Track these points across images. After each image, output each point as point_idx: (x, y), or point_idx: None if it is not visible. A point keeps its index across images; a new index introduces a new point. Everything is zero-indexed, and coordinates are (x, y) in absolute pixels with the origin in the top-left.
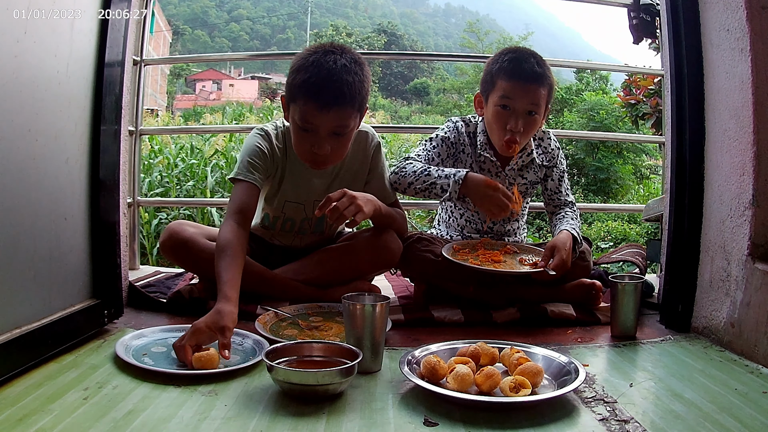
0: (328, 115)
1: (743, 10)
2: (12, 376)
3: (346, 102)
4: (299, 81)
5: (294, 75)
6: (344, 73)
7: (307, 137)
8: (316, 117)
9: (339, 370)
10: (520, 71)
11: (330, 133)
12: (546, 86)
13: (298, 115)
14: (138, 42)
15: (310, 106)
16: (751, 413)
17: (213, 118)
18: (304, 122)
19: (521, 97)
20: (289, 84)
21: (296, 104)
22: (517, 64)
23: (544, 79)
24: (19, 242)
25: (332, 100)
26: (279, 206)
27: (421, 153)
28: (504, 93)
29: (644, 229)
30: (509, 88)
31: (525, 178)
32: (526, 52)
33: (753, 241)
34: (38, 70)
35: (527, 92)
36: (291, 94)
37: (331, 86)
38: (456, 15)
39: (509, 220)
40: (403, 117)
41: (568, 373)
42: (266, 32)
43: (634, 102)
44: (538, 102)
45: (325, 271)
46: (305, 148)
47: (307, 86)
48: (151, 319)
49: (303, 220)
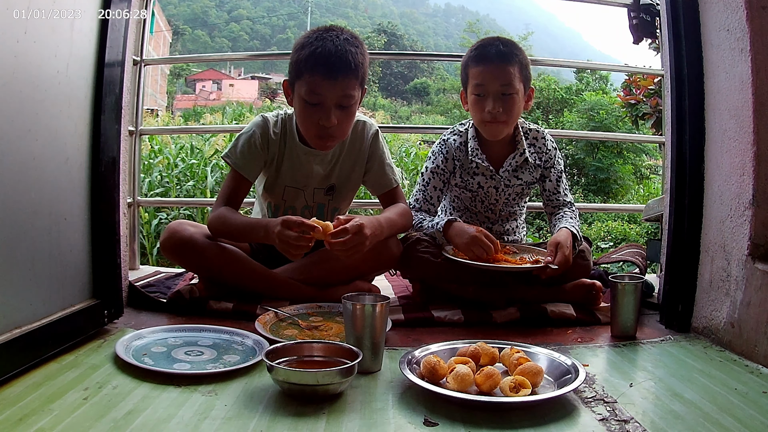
0: (335, 84)
1: (743, 10)
2: (12, 376)
3: (350, 70)
4: (305, 55)
5: (298, 52)
6: (347, 44)
7: (314, 111)
8: (323, 86)
9: (339, 370)
10: (486, 55)
11: (336, 105)
12: (515, 64)
13: (304, 89)
14: (138, 42)
15: (318, 76)
16: (751, 413)
17: (213, 118)
18: (312, 94)
19: (492, 80)
20: (293, 62)
21: (302, 79)
22: (482, 49)
23: (512, 57)
24: (19, 242)
25: (339, 68)
26: (279, 192)
27: (419, 197)
28: (476, 80)
29: (644, 229)
30: (478, 73)
31: (520, 179)
32: (492, 38)
33: (753, 241)
34: (38, 70)
35: (496, 73)
36: (297, 70)
37: (337, 55)
38: (456, 15)
39: (508, 220)
40: (403, 117)
41: (568, 373)
42: (266, 32)
43: (634, 102)
44: (510, 81)
45: (325, 271)
46: (312, 123)
47: (314, 57)
48: (151, 319)
49: (304, 208)
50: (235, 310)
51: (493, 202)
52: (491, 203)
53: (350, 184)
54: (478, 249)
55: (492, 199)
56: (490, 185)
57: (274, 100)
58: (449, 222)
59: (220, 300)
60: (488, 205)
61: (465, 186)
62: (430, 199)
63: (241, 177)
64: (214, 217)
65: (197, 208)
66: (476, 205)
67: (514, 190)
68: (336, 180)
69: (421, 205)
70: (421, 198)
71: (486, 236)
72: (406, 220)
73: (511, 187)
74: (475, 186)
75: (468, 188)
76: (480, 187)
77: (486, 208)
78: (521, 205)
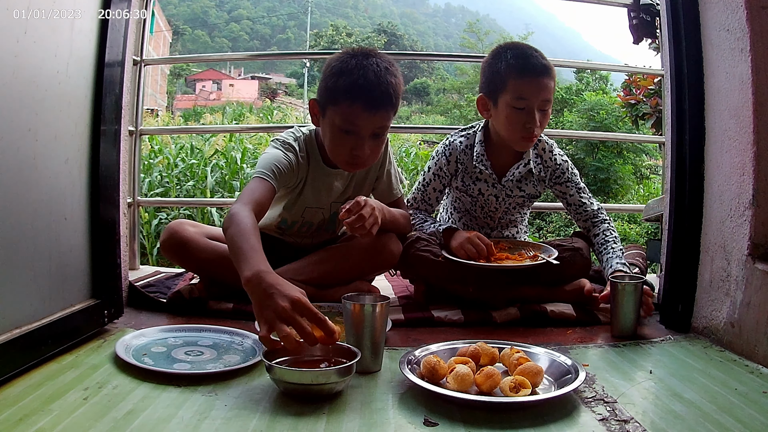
0: (375, 116)
1: (743, 10)
2: (12, 376)
3: (391, 104)
4: (345, 84)
5: (336, 78)
6: (388, 75)
7: (348, 139)
8: (362, 118)
9: (336, 369)
10: (531, 66)
11: (371, 135)
12: (553, 78)
13: (339, 118)
14: (138, 42)
15: (357, 108)
16: (751, 413)
17: (213, 118)
18: (348, 124)
19: (536, 94)
20: (330, 87)
21: (338, 107)
22: (526, 59)
23: (551, 70)
24: (19, 242)
25: (380, 102)
26: (299, 212)
27: (417, 196)
28: (518, 93)
29: (644, 229)
30: (523, 85)
31: (522, 191)
32: (527, 46)
33: (753, 241)
34: (38, 70)
35: (541, 87)
36: (332, 97)
37: (379, 88)
38: (456, 15)
39: (507, 226)
40: (403, 117)
41: (568, 373)
42: (266, 32)
43: (634, 102)
44: (550, 96)
45: (325, 271)
46: (344, 151)
47: (355, 88)
48: (151, 319)
49: (320, 221)
50: (235, 310)
51: (492, 209)
52: (491, 210)
53: (362, 194)
54: (470, 249)
55: (492, 207)
56: (491, 193)
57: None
58: (450, 229)
59: (220, 300)
60: (488, 212)
61: (465, 190)
62: (428, 199)
63: (271, 186)
64: (234, 213)
65: (197, 208)
66: (476, 210)
67: (515, 201)
68: (352, 192)
69: (419, 204)
70: (419, 198)
71: (480, 238)
72: (407, 222)
73: (512, 198)
74: (476, 192)
75: (468, 193)
76: (480, 194)
77: (485, 215)
78: (522, 213)
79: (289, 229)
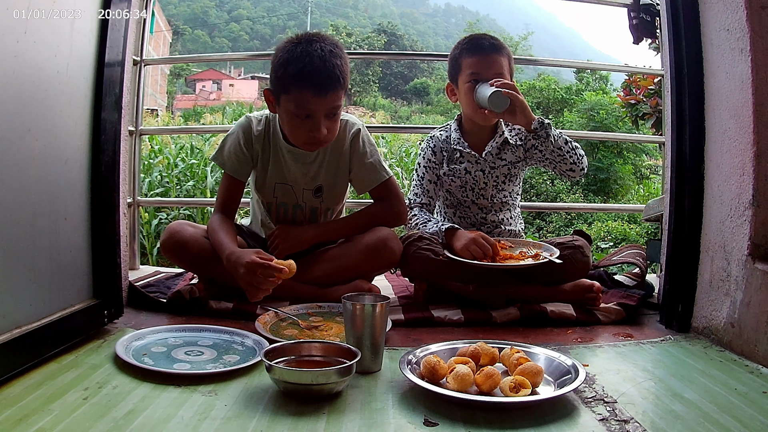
0: (326, 99)
1: (743, 10)
2: (12, 376)
3: (340, 84)
4: (293, 72)
5: (284, 67)
6: (333, 57)
7: (305, 123)
8: (314, 102)
9: (336, 369)
10: (480, 46)
11: (325, 116)
12: (505, 56)
13: (293, 105)
14: (138, 42)
15: (307, 93)
16: (751, 413)
17: (213, 118)
18: (302, 110)
19: (486, 68)
20: (279, 77)
21: (289, 94)
22: (476, 41)
23: (502, 49)
24: (19, 242)
25: (329, 85)
26: (270, 190)
27: (417, 192)
28: (471, 69)
29: (644, 229)
30: (474, 62)
31: (503, 159)
32: (480, 33)
33: (753, 241)
34: (38, 70)
35: (491, 62)
36: (283, 86)
37: (326, 72)
38: (456, 15)
39: (501, 209)
40: (403, 117)
41: (568, 373)
42: (266, 32)
43: (634, 102)
44: (502, 70)
45: (324, 271)
46: (302, 133)
47: (302, 75)
48: (151, 319)
49: (295, 206)
50: (235, 310)
51: (482, 186)
52: (480, 188)
53: (337, 186)
54: (475, 249)
55: (481, 184)
56: (477, 169)
57: None
58: (452, 229)
59: (220, 300)
60: (478, 192)
61: (453, 174)
62: (427, 192)
63: (232, 178)
64: (208, 225)
65: (197, 208)
66: (467, 195)
67: (500, 171)
68: (323, 181)
69: (421, 198)
70: (420, 192)
71: (484, 238)
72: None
73: (497, 168)
74: (462, 172)
75: (456, 176)
76: (467, 173)
77: (477, 195)
78: (512, 192)
79: (269, 216)
